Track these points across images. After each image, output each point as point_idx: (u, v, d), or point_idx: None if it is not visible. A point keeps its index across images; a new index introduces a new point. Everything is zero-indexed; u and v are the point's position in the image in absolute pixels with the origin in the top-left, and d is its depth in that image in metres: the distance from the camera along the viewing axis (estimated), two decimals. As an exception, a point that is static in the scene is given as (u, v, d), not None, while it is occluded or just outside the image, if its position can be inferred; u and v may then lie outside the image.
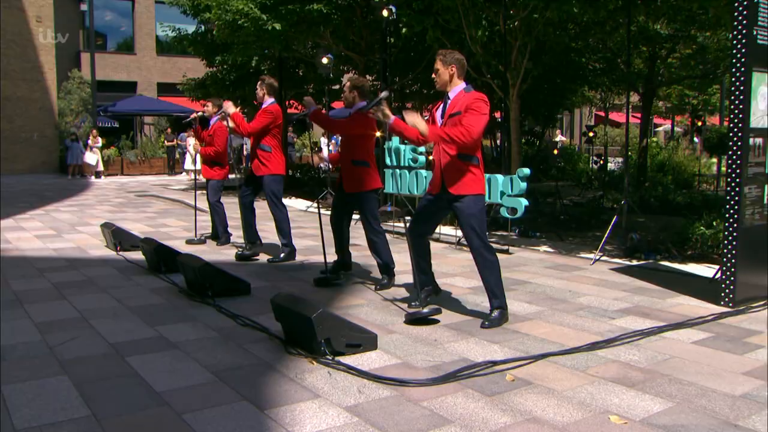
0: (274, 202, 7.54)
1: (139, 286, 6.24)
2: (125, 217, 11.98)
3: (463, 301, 5.74)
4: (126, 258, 7.66)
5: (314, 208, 13.42)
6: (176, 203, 14.62)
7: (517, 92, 11.09)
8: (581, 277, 6.85)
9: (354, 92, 6.20)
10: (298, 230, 9.98)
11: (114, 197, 16.34)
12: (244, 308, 5.40)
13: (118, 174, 25.27)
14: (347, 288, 6.25)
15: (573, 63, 16.71)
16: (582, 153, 24.77)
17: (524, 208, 7.58)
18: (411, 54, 15.46)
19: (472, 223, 4.85)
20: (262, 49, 14.50)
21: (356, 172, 6.17)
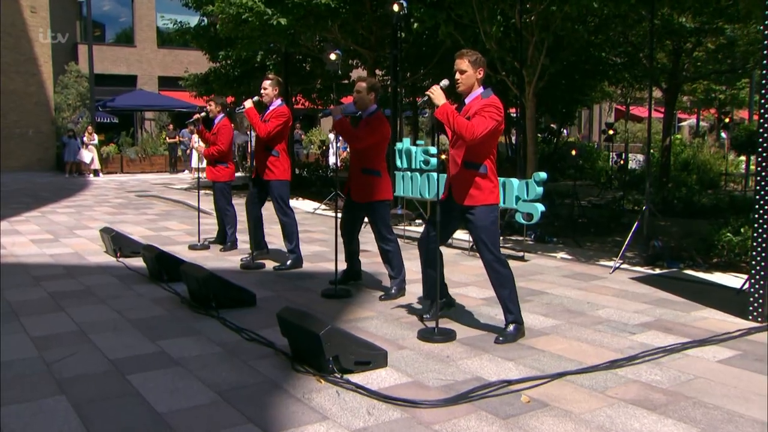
0: (281, 207, 7.58)
1: (140, 297, 6.28)
2: (125, 220, 12.05)
3: (477, 314, 5.75)
4: (126, 265, 7.71)
5: (322, 210, 13.44)
6: (178, 204, 14.69)
7: (533, 90, 11.07)
8: (600, 287, 6.84)
9: (372, 94, 6.21)
10: (305, 234, 10.00)
11: (113, 197, 16.43)
12: (249, 320, 5.42)
13: (117, 172, 25.40)
14: (356, 299, 6.27)
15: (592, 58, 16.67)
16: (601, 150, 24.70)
17: (540, 213, 7.58)
18: (423, 48, 15.46)
19: (483, 235, 4.84)
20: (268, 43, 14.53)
21: (366, 181, 6.20)
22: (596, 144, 29.01)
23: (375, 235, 6.34)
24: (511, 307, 4.95)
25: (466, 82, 4.84)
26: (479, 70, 4.84)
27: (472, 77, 4.84)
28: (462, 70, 4.85)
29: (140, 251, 7.52)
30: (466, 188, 4.85)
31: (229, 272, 7.40)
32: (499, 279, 4.91)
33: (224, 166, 8.82)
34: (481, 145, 4.79)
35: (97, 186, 20.10)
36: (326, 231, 10.74)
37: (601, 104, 34.48)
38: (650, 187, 8.55)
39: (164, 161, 26.38)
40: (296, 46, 14.44)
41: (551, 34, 10.72)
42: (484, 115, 4.68)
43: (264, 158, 7.53)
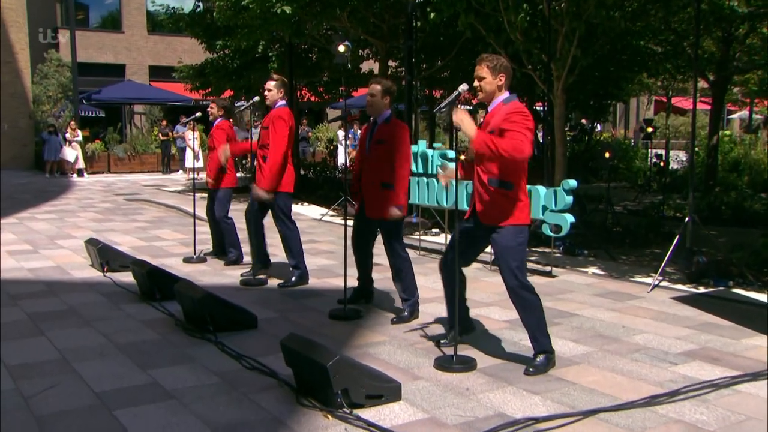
0: (282, 220, 7.62)
1: (129, 318, 6.33)
2: (113, 227, 12.13)
3: (500, 339, 5.76)
4: (114, 281, 7.77)
5: (330, 217, 13.48)
6: (172, 210, 14.78)
7: (562, 85, 11.07)
8: (637, 308, 6.84)
9: (387, 98, 6.25)
10: (310, 245, 10.04)
11: (100, 201, 16.54)
12: (250, 345, 5.47)
13: (104, 172, 25.54)
14: (367, 321, 6.30)
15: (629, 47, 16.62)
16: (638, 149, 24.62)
17: (570, 225, 7.58)
18: (440, 38, 15.49)
19: (508, 258, 4.86)
20: (270, 33, 14.60)
21: (384, 196, 6.23)
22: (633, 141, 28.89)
23: (387, 250, 6.36)
24: (539, 336, 4.96)
25: (487, 89, 4.88)
26: (500, 77, 4.86)
27: (492, 84, 4.87)
28: (480, 76, 4.89)
29: (129, 265, 7.57)
30: (493, 207, 4.87)
31: (228, 289, 7.45)
32: (524, 306, 4.93)
33: (226, 173, 8.87)
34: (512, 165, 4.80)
35: (82, 188, 20.23)
36: (334, 241, 10.78)
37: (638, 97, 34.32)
38: (694, 194, 8.52)
39: (156, 160, 26.53)
40: (301, 36, 14.51)
41: (583, 23, 10.69)
42: (514, 129, 4.66)
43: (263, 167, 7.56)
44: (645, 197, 16.99)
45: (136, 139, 27.34)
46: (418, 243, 10.02)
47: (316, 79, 19.28)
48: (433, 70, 16.68)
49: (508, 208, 4.85)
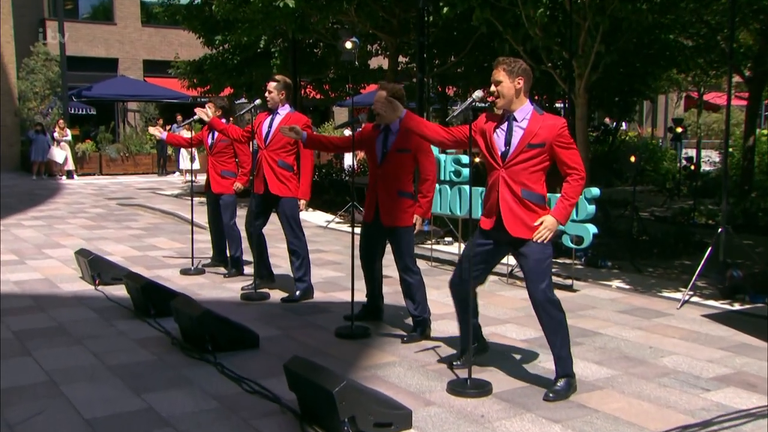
0: (293, 229, 7.68)
1: (122, 336, 6.37)
2: (105, 235, 12.19)
3: (517, 360, 5.77)
4: (106, 295, 7.81)
5: (336, 224, 13.52)
6: (168, 216, 14.86)
7: (585, 84, 11.06)
8: (665, 326, 6.83)
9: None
10: (315, 255, 10.04)
11: (90, 206, 16.62)
12: (251, 367, 5.50)
13: (95, 173, 25.70)
14: (375, 340, 6.32)
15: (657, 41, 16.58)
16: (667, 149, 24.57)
17: (593, 236, 7.58)
18: (453, 33, 15.51)
19: (538, 272, 4.89)
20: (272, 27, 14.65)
21: (401, 204, 6.28)
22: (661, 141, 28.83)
23: (397, 264, 6.39)
24: (564, 357, 4.99)
25: (505, 94, 4.91)
26: (518, 80, 4.89)
27: (510, 88, 4.90)
28: (498, 80, 4.92)
29: (123, 279, 7.61)
30: (525, 220, 4.91)
31: (228, 304, 7.49)
32: (552, 324, 4.96)
33: (230, 177, 8.91)
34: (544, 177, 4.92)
35: (71, 191, 20.32)
36: (341, 251, 10.81)
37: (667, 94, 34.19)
38: (728, 200, 8.49)
39: (151, 161, 26.67)
40: (306, 31, 14.56)
41: (608, 17, 10.70)
42: (572, 147, 4.88)
43: (275, 171, 7.61)
44: (674, 202, 16.97)
45: (129, 139, 27.46)
46: (429, 253, 10.04)
47: (321, 76, 19.34)
48: (446, 67, 16.70)
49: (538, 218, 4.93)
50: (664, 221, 13.80)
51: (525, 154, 4.86)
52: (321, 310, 7.34)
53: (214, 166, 8.92)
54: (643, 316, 7.18)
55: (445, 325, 6.73)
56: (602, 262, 9.50)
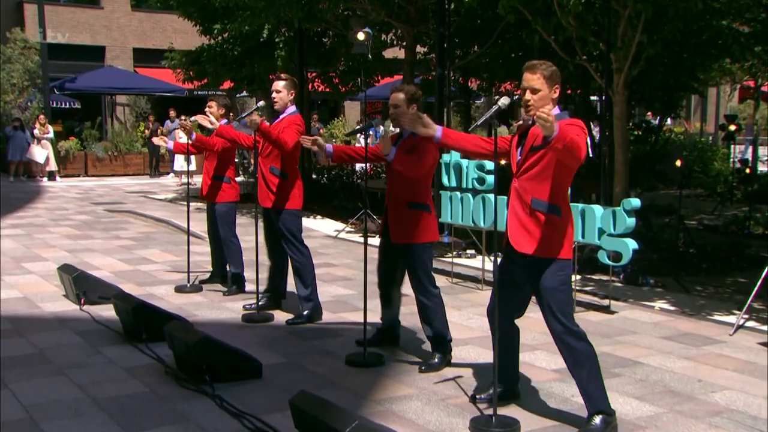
0: (293, 243, 7.71)
1: (110, 364, 6.43)
2: (91, 246, 12.26)
3: (547, 393, 5.80)
4: (93, 316, 7.86)
5: (347, 233, 13.56)
6: (161, 224, 14.95)
7: (624, 79, 11.05)
8: (716, 356, 6.81)
9: (413, 107, 6.30)
10: (324, 270, 10.11)
11: (75, 212, 16.70)
12: (252, 400, 5.55)
13: (80, 175, 25.85)
14: (390, 368, 6.36)
15: (708, 28, 16.46)
16: (718, 148, 24.42)
17: (632, 253, 7.57)
18: (477, 21, 15.52)
19: (550, 300, 4.89)
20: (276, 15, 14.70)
21: (412, 217, 6.29)
22: (711, 138, 28.66)
23: (413, 284, 6.42)
24: (593, 392, 4.97)
25: (540, 104, 4.87)
26: (555, 88, 4.91)
27: (547, 98, 4.89)
28: (534, 88, 4.89)
29: (111, 298, 7.66)
30: (534, 237, 4.90)
31: (228, 326, 7.55)
32: (573, 356, 4.95)
33: (227, 183, 8.96)
34: (562, 181, 4.89)
35: (53, 195, 20.39)
36: (353, 264, 10.85)
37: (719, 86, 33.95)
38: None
39: (142, 161, 26.79)
40: (313, 19, 14.60)
41: (651, 4, 10.66)
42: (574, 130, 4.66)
43: (266, 180, 7.68)
44: (726, 209, 16.83)
45: (118, 136, 27.52)
46: (450, 268, 10.05)
47: (330, 68, 19.37)
48: (468, 60, 16.70)
49: (553, 238, 4.89)
50: (715, 231, 13.73)
51: (530, 158, 4.89)
52: (330, 334, 7.38)
53: (207, 171, 8.97)
54: (690, 344, 7.17)
55: (467, 352, 6.76)
56: (643, 280, 9.49)
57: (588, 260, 9.74)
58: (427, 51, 18.80)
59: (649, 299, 8.78)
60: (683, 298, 8.91)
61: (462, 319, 7.82)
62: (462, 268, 10.37)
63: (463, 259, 11.05)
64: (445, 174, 9.54)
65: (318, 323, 7.76)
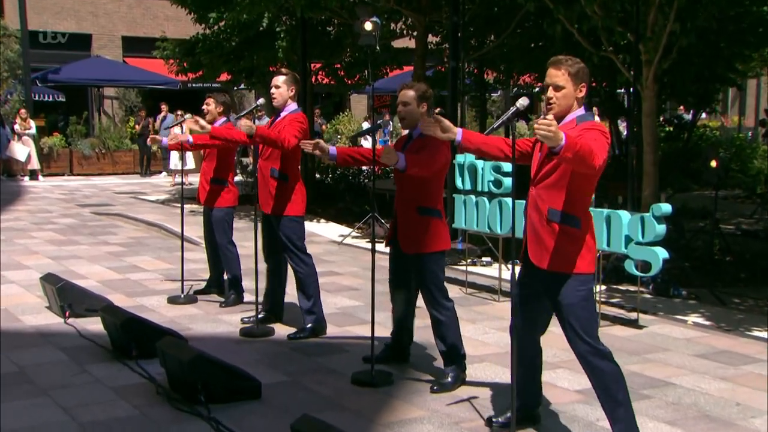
0: (294, 252, 7.73)
1: (97, 384, 6.44)
2: (76, 253, 12.30)
3: (570, 417, 5.80)
4: (79, 331, 7.87)
5: (353, 239, 13.59)
6: (153, 229, 14.98)
7: (654, 72, 11.02)
8: (756, 376, 6.76)
9: (423, 106, 6.33)
10: (328, 279, 10.10)
11: (59, 215, 16.71)
12: (251, 423, 5.57)
13: (65, 173, 25.90)
14: (400, 388, 6.37)
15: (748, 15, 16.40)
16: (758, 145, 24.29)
17: (662, 262, 7.55)
18: (494, 9, 15.54)
19: (571, 317, 4.90)
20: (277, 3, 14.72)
21: (422, 224, 6.30)
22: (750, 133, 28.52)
23: (424, 297, 6.43)
24: (621, 417, 4.96)
25: (563, 103, 4.89)
26: (581, 87, 4.90)
27: (571, 96, 4.90)
28: (558, 85, 4.89)
29: (99, 311, 7.68)
30: (552, 249, 4.90)
31: (224, 341, 7.58)
32: (599, 379, 4.94)
33: (226, 187, 9.00)
34: (582, 189, 4.87)
35: (35, 196, 20.40)
36: (359, 273, 10.87)
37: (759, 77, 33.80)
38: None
39: (132, 159, 26.83)
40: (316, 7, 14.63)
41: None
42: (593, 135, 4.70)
43: (267, 184, 7.72)
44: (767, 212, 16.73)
45: (106, 132, 27.57)
46: (464, 277, 10.05)
47: (335, 60, 19.40)
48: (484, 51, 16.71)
49: (572, 251, 4.89)
50: (754, 237, 13.65)
51: (547, 165, 4.88)
52: (335, 350, 7.41)
53: (205, 173, 9.00)
54: (727, 362, 7.13)
55: (483, 370, 6.77)
56: (675, 291, 9.47)
57: (614, 269, 9.72)
58: (440, 41, 18.80)
59: (681, 312, 8.76)
60: (719, 311, 8.88)
61: (477, 334, 7.82)
62: (477, 277, 10.37)
63: (478, 267, 11.06)
64: (459, 176, 9.55)
65: (322, 338, 7.78)
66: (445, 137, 5.23)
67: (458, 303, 6.68)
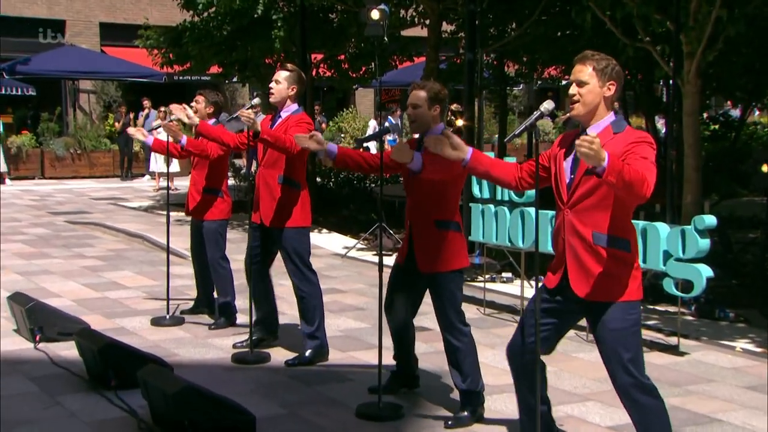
0: (299, 268, 7.75)
1: (72, 419, 6.42)
2: (49, 267, 12.30)
3: (604, 456, 5.79)
4: (51, 357, 7.85)
5: (358, 251, 13.59)
6: (135, 240, 15.00)
7: (697, 65, 11.01)
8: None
9: (436, 108, 6.33)
10: (331, 297, 10.06)
11: (29, 224, 16.71)
12: (242, 463, 5.57)
13: (35, 177, 25.98)
14: (410, 422, 6.37)
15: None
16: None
17: (706, 281, 7.52)
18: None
19: (618, 347, 4.86)
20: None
21: (440, 239, 6.29)
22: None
23: (439, 321, 6.41)
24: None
25: (588, 100, 4.85)
26: (609, 85, 4.86)
27: (597, 95, 4.86)
28: (582, 81, 4.86)
29: (73, 335, 7.68)
30: (600, 277, 4.86)
31: (215, 369, 7.59)
32: (642, 415, 4.92)
33: (217, 197, 8.99)
34: (630, 207, 4.87)
35: (3, 202, 20.07)
36: (365, 290, 10.88)
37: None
38: None
39: (111, 161, 26.86)
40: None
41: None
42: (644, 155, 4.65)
43: (272, 193, 7.71)
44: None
45: (82, 130, 27.60)
46: (482, 295, 10.03)
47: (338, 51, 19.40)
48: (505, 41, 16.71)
49: (621, 277, 4.86)
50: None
51: (585, 185, 4.79)
52: (338, 378, 7.41)
53: (195, 182, 9.00)
54: (781, 396, 7.08)
55: (503, 403, 6.74)
56: (721, 312, 9.41)
57: (651, 288, 9.63)
58: (455, 30, 18.80)
59: (728, 337, 8.71)
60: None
61: (496, 361, 7.78)
62: (496, 295, 10.35)
63: (498, 284, 11.02)
64: (476, 183, 9.54)
65: (323, 365, 7.78)
66: (455, 156, 5.19)
67: (476, 325, 6.69)
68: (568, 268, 4.95)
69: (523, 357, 5.20)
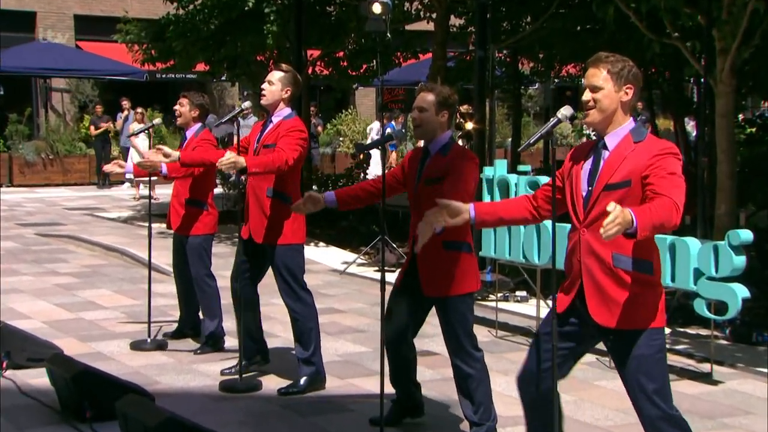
0: (291, 288, 7.73)
1: (43, 454, 6.45)
2: (17, 285, 12.29)
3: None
4: (18, 386, 7.82)
5: (358, 267, 13.59)
6: (112, 255, 15.01)
7: (732, 63, 11.00)
8: None
9: (444, 114, 6.34)
10: (327, 317, 10.04)
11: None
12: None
13: (3, 184, 25.90)
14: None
15: None
16: None
17: (741, 302, 7.49)
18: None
19: (643, 377, 4.85)
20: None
21: (448, 261, 6.28)
22: None
23: (448, 346, 6.41)
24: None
25: (604, 107, 4.85)
26: (627, 89, 4.85)
27: (614, 100, 4.85)
28: (596, 86, 4.85)
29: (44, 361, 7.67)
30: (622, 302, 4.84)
31: (200, 398, 7.58)
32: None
33: (202, 210, 8.99)
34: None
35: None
36: (365, 310, 10.88)
37: None
38: None
39: (87, 167, 26.90)
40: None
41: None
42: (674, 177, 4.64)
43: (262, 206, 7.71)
44: None
45: (54, 133, 27.67)
46: (494, 315, 10.01)
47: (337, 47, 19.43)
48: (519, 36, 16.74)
49: (646, 302, 4.85)
50: None
51: (604, 202, 4.66)
52: (336, 409, 7.40)
53: (178, 194, 9.00)
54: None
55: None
56: (759, 336, 9.38)
57: (680, 309, 9.65)
58: (464, 24, 18.85)
59: (766, 364, 8.67)
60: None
61: (510, 389, 7.70)
62: (509, 316, 10.35)
63: (511, 303, 11.01)
64: (488, 193, 9.55)
65: (320, 393, 7.76)
66: (459, 221, 5.11)
67: (487, 349, 6.67)
68: (586, 293, 4.91)
69: (538, 387, 5.15)
